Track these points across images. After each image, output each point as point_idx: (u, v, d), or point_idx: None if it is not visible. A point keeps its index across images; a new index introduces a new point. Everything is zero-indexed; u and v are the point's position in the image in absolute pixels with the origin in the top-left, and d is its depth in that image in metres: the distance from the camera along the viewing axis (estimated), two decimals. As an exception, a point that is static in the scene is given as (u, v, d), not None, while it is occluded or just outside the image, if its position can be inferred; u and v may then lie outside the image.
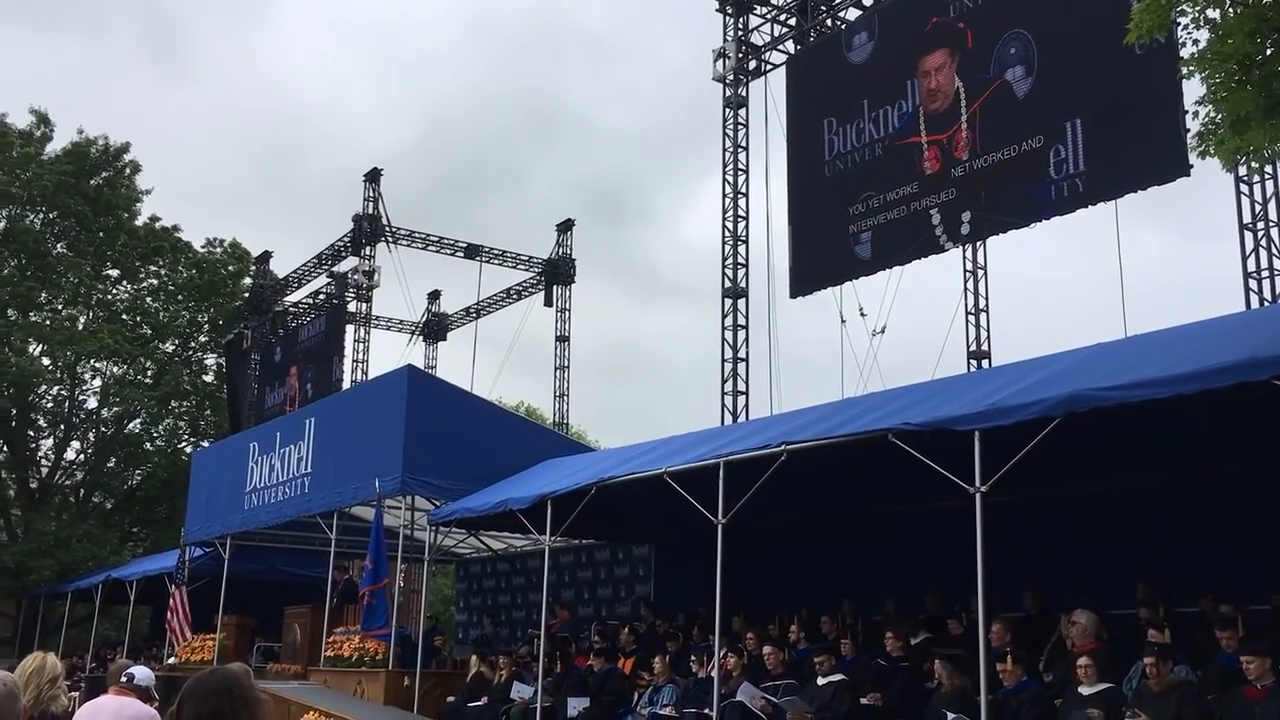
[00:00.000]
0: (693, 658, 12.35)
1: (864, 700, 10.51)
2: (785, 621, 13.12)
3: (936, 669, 9.85)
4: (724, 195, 20.23)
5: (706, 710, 11.15)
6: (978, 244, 19.70)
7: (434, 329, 35.32)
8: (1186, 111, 13.07)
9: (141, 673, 7.18)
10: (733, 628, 12.65)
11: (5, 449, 35.80)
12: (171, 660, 20.71)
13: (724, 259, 19.85)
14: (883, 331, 18.74)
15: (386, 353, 42.26)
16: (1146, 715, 8.03)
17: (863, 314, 18.71)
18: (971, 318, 21.33)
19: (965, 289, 21.40)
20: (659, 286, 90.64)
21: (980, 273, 21.50)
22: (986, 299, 21.54)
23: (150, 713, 6.82)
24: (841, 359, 18.35)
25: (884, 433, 9.39)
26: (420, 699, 14.99)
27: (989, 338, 21.36)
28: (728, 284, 19.74)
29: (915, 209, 15.49)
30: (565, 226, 31.30)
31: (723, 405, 19.48)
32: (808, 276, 17.59)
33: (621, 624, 16.00)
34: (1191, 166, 12.92)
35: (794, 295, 17.73)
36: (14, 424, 35.31)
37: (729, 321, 19.66)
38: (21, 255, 35.73)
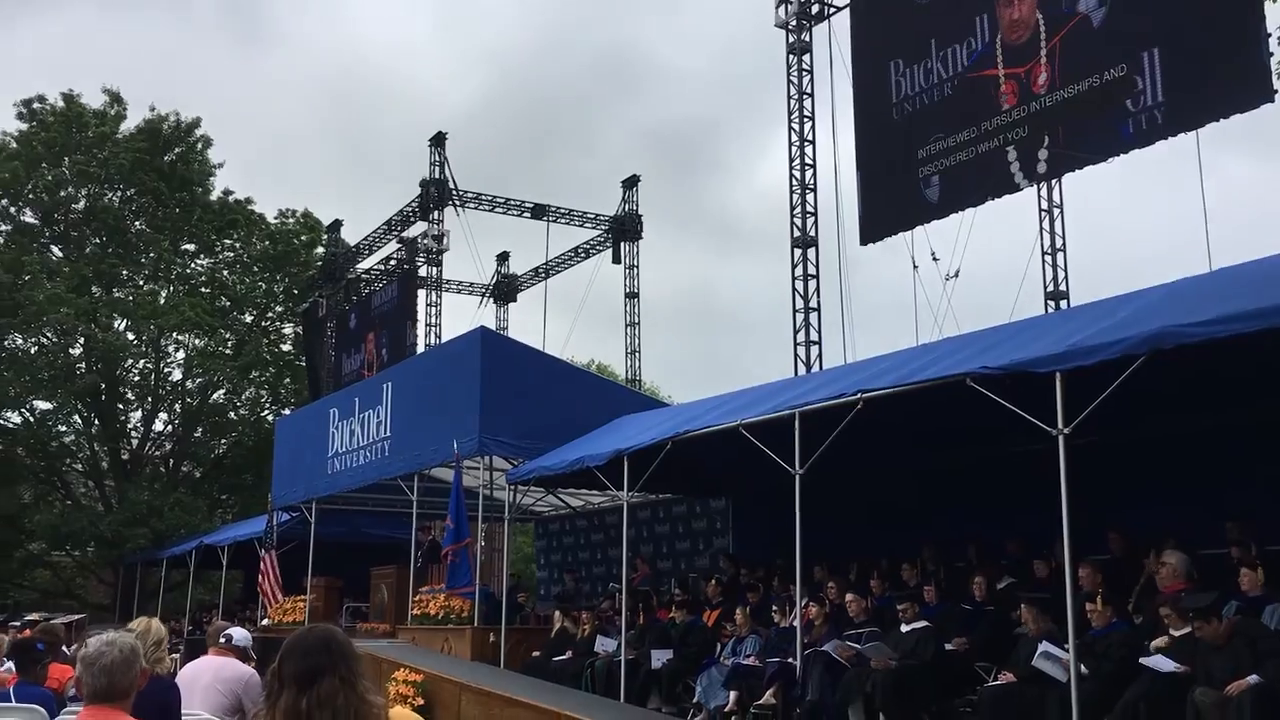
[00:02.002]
0: (774, 608, 12.38)
1: (949, 646, 10.48)
2: (866, 570, 13.10)
3: (1023, 613, 9.77)
4: (790, 144, 20.01)
5: (790, 659, 11.20)
6: (1054, 181, 19.26)
7: (504, 290, 35.54)
8: (1270, 35, 12.66)
9: (239, 634, 7.43)
10: (814, 577, 12.65)
11: (97, 422, 36.90)
12: (265, 622, 21.29)
13: (792, 208, 19.66)
14: (956, 275, 18.47)
15: (458, 316, 42.85)
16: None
17: (935, 258, 18.44)
18: (1048, 257, 20.91)
19: (1041, 228, 20.97)
20: (730, 237, 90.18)
21: (1057, 211, 21.04)
22: (1064, 238, 21.10)
23: (249, 671, 7.05)
24: (915, 305, 18.13)
25: (962, 378, 9.26)
26: (506, 654, 15.25)
27: (1067, 278, 20.94)
28: (796, 233, 19.56)
29: (988, 148, 15.16)
30: (631, 182, 31.20)
31: (795, 356, 19.39)
32: (878, 222, 17.33)
33: (706, 576, 16.10)
34: (1276, 91, 12.49)
35: (864, 242, 17.50)
36: (104, 398, 36.36)
37: (799, 271, 19.51)
38: (103, 233, 36.64)
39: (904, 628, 10.52)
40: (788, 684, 11.08)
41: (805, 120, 20.03)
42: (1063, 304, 20.17)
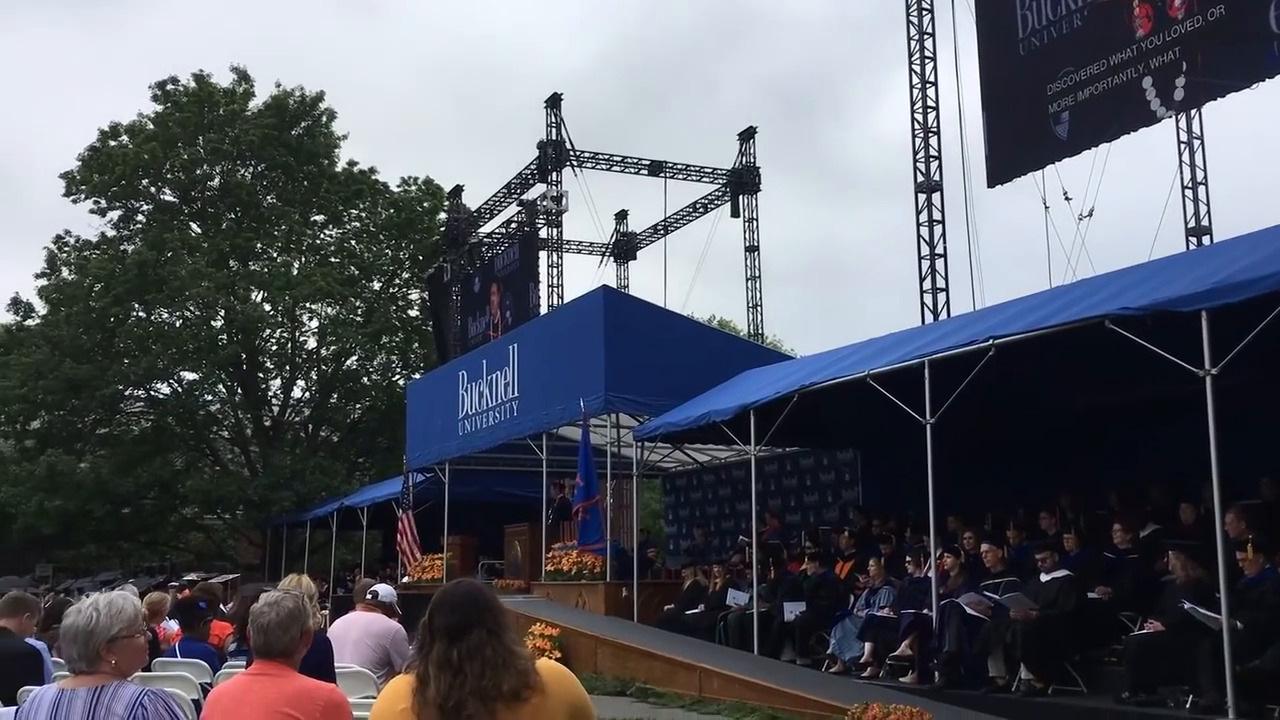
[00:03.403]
0: (908, 559, 12.26)
1: (1091, 595, 10.24)
2: (1001, 519, 12.85)
3: (1170, 560, 9.47)
4: (911, 86, 19.49)
5: (925, 610, 11.08)
6: (1193, 112, 18.38)
7: (623, 249, 35.65)
8: None
9: (384, 590, 7.67)
10: (947, 527, 12.47)
11: (240, 391, 38.42)
12: (405, 579, 21.97)
13: (915, 152, 19.18)
14: (1090, 215, 17.81)
15: (579, 275, 43.25)
16: None
17: (1067, 198, 17.82)
18: (1188, 192, 20.02)
19: (1180, 162, 20.06)
20: (851, 185, 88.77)
21: (1196, 143, 20.10)
22: (1205, 171, 20.16)
23: (396, 626, 7.29)
24: (1047, 246, 17.58)
25: (1100, 319, 8.96)
26: (639, 608, 15.45)
27: (1209, 213, 20.03)
28: (920, 178, 19.11)
29: (1122, 79, 14.51)
30: (747, 135, 30.88)
31: (922, 304, 19.01)
32: (1006, 163, 16.79)
33: (836, 528, 16.02)
34: None
35: (992, 184, 16.98)
36: (245, 367, 37.81)
37: (924, 217, 19.06)
38: (237, 208, 37.94)
39: (1043, 577, 10.30)
40: (924, 635, 10.99)
41: (926, 61, 19.49)
42: (1205, 240, 19.31)
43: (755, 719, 10.15)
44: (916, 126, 19.32)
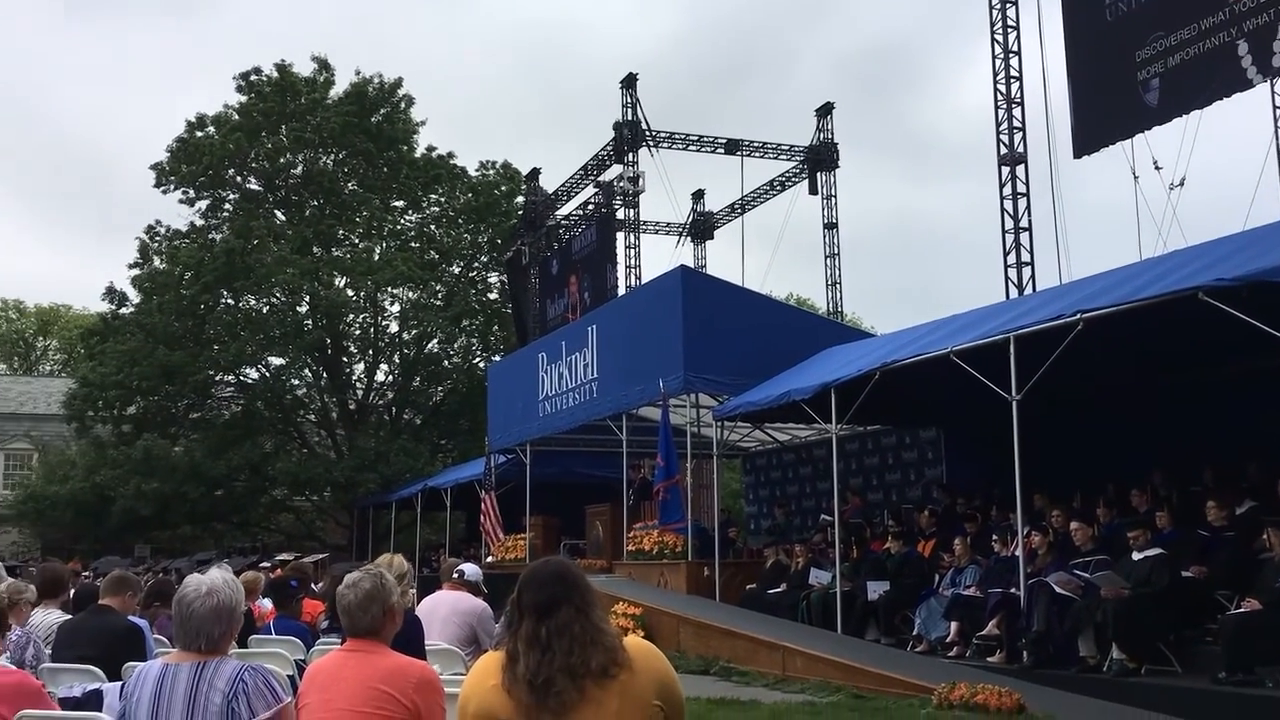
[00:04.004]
0: (994, 537, 12.09)
1: (1185, 573, 10.00)
2: (1090, 497, 12.60)
3: (1268, 537, 9.21)
4: (994, 56, 19.08)
5: (1012, 589, 10.93)
6: (1289, 76, 17.71)
7: (700, 228, 35.53)
8: None
9: (470, 569, 7.79)
10: (1034, 505, 12.26)
11: (325, 375, 39.17)
12: (489, 559, 22.26)
13: (998, 124, 18.79)
14: (1181, 184, 17.25)
15: (657, 256, 43.26)
16: None
17: (1157, 167, 17.26)
18: (1285, 159, 19.31)
19: (1276, 129, 19.34)
20: (932, 160, 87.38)
21: (1293, 108, 19.36)
22: (1302, 137, 19.41)
23: (482, 604, 7.39)
24: (1137, 218, 17.07)
25: (1193, 292, 8.71)
26: (721, 587, 15.47)
27: (1308, 179, 19.29)
28: (1004, 150, 18.72)
29: (1216, 43, 14.05)
30: (825, 110, 30.52)
31: (1006, 278, 18.65)
32: (1092, 132, 16.37)
33: (917, 507, 15.86)
34: None
35: (1078, 154, 16.57)
36: (330, 351, 38.54)
37: (1007, 190, 18.69)
38: (320, 196, 38.60)
39: (1135, 555, 10.08)
40: (1011, 614, 10.84)
41: (1009, 30, 19.05)
42: (1303, 208, 18.63)
43: (840, 698, 10.10)
44: (999, 97, 18.93)
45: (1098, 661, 9.85)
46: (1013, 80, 18.91)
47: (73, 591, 8.15)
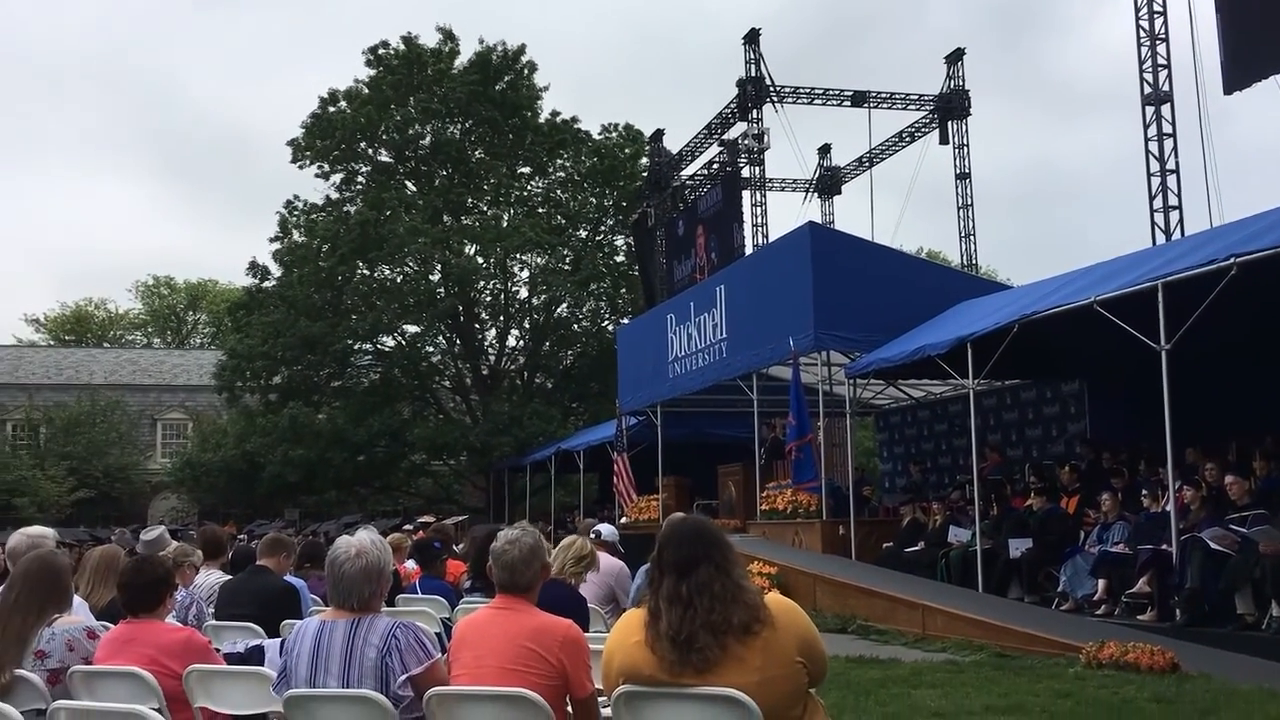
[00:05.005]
0: (1143, 492, 11.67)
1: (1352, 529, 9.50)
2: (1246, 450, 12.04)
3: None
4: (1134, -9, 18.26)
5: (1164, 546, 10.55)
6: None
7: (827, 183, 35.02)
8: None
9: (607, 529, 7.89)
10: (1185, 459, 11.78)
11: (458, 342, 40.01)
12: (623, 520, 22.50)
13: (1141, 63, 17.98)
14: (1343, 118, 16.27)
15: (783, 213, 42.80)
16: None
17: (1316, 101, 16.33)
18: None
19: None
20: (1069, 103, 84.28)
21: None
22: None
23: (619, 563, 7.49)
24: (1294, 156, 16.19)
25: (1360, 230, 8.21)
26: (856, 546, 15.33)
27: None
28: (1148, 90, 17.91)
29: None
30: (955, 57, 29.66)
31: (1152, 224, 17.94)
32: (1244, 67, 15.51)
33: (1060, 463, 15.42)
34: None
35: (1228, 91, 15.74)
36: (462, 318, 39.32)
37: (1152, 131, 17.90)
38: (448, 165, 39.26)
39: (1296, 510, 9.62)
40: (1163, 571, 10.48)
41: (1150, -37, 18.18)
42: None
43: (983, 657, 9.93)
44: (1142, 34, 18.09)
45: (1256, 619, 9.46)
46: (1156, 15, 18.04)
47: (230, 553, 8.54)
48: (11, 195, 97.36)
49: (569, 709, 3.80)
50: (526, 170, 40.63)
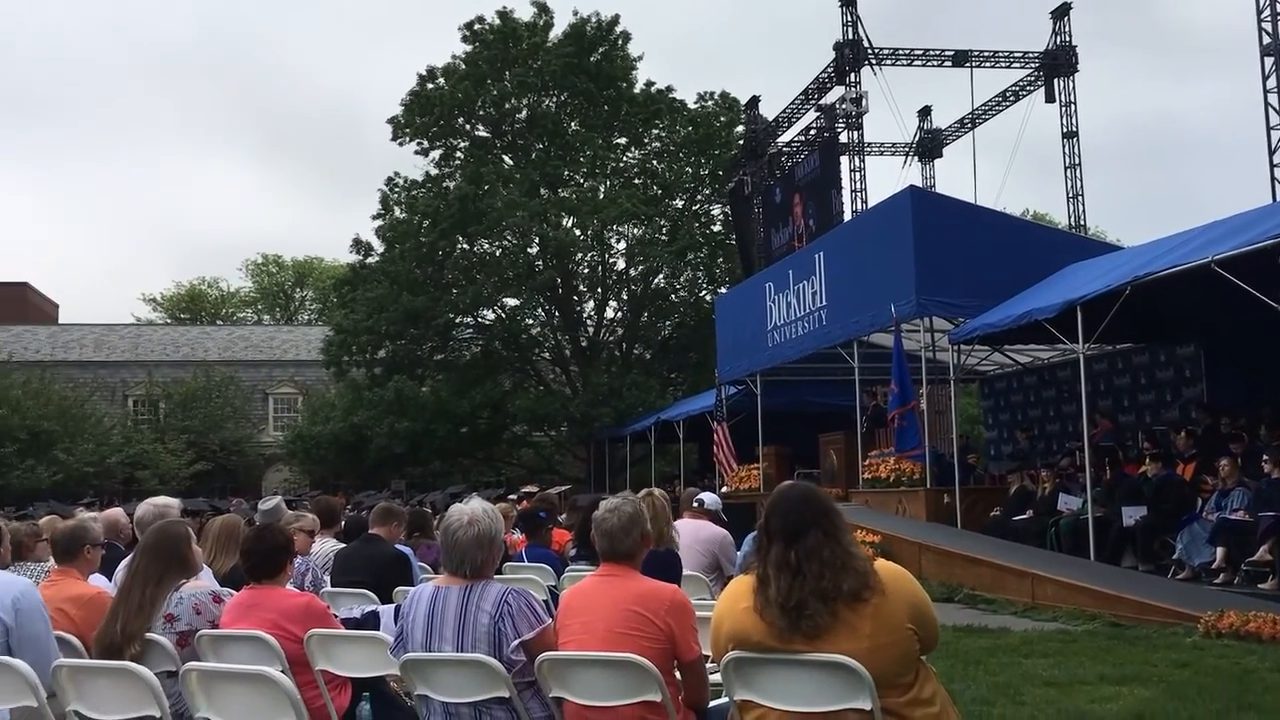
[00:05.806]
0: (1265, 458, 11.27)
1: None
2: (1377, 414, 11.56)
3: None
4: (1252, -64, 17.46)
5: (1287, 514, 10.19)
6: None
7: (928, 146, 34.32)
8: None
9: (709, 498, 7.90)
10: (1310, 424, 11.35)
11: (557, 314, 40.34)
12: (724, 489, 22.51)
13: (1259, 10, 17.21)
14: None
15: (883, 178, 42.29)
16: None
17: None
18: None
19: None
20: (1181, 57, 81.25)
21: None
22: None
23: (723, 532, 7.50)
24: None
25: None
26: (962, 515, 15.12)
27: None
28: (1267, 39, 17.15)
29: None
30: (1061, 11, 28.72)
31: (1273, 179, 17.22)
32: (1372, 12, 14.79)
33: (1174, 428, 14.97)
34: None
35: (1355, 37, 15.02)
36: (560, 291, 39.60)
37: (1272, 82, 17.16)
38: (544, 138, 39.46)
39: None
40: (1285, 540, 10.12)
41: (1270, -95, 17.36)
42: None
43: (1096, 626, 9.73)
44: (1260, -19, 17.32)
45: (1387, 590, 9.09)
46: (1276, -40, 17.24)
47: (343, 523, 8.77)
48: (126, 179, 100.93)
49: (676, 673, 3.84)
50: (622, 141, 40.61)
